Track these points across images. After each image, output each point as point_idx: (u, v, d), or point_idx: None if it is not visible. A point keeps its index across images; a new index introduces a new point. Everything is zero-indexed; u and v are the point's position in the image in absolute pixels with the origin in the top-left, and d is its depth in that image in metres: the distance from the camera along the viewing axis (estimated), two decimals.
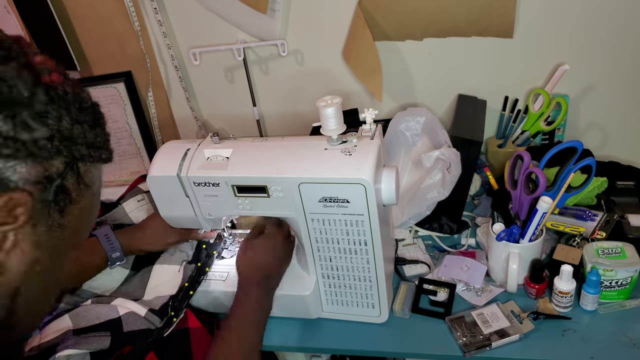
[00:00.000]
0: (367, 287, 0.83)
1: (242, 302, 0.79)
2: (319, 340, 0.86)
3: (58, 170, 0.40)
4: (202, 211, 0.84)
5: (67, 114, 0.40)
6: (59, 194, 0.41)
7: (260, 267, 0.82)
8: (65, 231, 0.43)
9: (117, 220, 1.08)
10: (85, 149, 0.42)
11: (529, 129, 1.10)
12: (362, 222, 0.75)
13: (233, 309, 0.78)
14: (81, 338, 0.77)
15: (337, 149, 0.74)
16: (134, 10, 1.16)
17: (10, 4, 1.17)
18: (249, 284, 0.81)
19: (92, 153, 0.43)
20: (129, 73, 1.26)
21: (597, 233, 0.89)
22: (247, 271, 0.83)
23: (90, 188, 0.45)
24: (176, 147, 0.84)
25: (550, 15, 1.04)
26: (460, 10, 1.05)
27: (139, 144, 1.31)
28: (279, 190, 0.76)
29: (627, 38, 1.03)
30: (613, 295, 0.83)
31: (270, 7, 1.12)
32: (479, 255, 0.95)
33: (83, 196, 0.44)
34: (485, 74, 1.14)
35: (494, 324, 0.81)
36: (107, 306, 0.83)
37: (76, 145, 0.41)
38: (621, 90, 1.10)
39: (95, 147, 0.44)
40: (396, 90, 1.21)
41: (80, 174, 0.43)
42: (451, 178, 0.93)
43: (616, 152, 1.14)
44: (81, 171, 0.43)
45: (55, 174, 0.40)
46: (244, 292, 0.80)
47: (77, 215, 0.44)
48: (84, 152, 0.42)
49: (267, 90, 1.27)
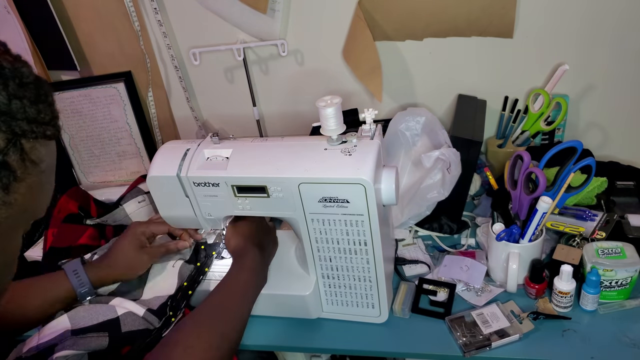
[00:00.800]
0: (367, 287, 0.83)
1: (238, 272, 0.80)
2: (319, 340, 0.86)
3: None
4: (202, 211, 0.84)
5: (3, 88, 0.40)
6: (1, 170, 0.40)
7: (251, 239, 0.85)
8: (11, 209, 0.42)
9: (117, 221, 1.08)
10: (27, 124, 0.41)
11: (528, 129, 1.10)
12: (362, 222, 0.75)
13: (228, 278, 0.79)
14: (79, 338, 0.77)
15: (337, 149, 0.74)
16: (134, 10, 1.16)
17: (10, 4, 1.17)
18: (243, 254, 0.82)
19: (35, 129, 0.42)
20: (129, 73, 1.26)
21: (597, 233, 0.89)
22: (239, 244, 0.84)
23: (38, 165, 0.44)
24: (176, 147, 0.84)
25: (550, 15, 1.04)
26: (461, 11, 1.05)
27: (139, 144, 1.31)
28: (279, 191, 0.76)
29: (627, 38, 1.03)
30: (613, 295, 0.83)
31: (270, 7, 1.12)
32: (479, 255, 0.95)
33: (30, 174, 0.43)
34: (485, 74, 1.14)
35: (493, 324, 0.81)
36: (105, 306, 0.83)
37: (16, 121, 0.41)
38: (621, 90, 1.10)
39: (38, 122, 0.43)
40: (396, 90, 1.21)
41: (24, 151, 0.42)
42: (451, 178, 0.93)
43: (616, 152, 1.14)
44: (26, 148, 0.42)
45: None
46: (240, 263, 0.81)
47: (24, 193, 0.43)
48: (25, 127, 0.41)
49: (267, 90, 1.27)
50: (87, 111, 1.27)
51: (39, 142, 0.44)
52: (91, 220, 1.10)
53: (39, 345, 0.76)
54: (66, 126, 1.29)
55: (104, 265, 0.88)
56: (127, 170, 1.34)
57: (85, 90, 1.25)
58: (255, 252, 0.83)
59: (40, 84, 0.44)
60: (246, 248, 0.83)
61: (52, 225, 1.07)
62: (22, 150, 0.42)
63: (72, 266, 0.86)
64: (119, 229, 1.10)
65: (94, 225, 1.09)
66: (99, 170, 1.34)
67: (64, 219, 1.08)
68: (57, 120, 0.45)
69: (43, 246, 1.04)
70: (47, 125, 0.44)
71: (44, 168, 0.45)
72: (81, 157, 1.33)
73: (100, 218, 1.09)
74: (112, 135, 1.30)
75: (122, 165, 1.34)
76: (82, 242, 1.04)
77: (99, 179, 1.36)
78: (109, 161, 1.33)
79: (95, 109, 1.27)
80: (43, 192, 0.47)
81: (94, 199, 1.18)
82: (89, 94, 1.26)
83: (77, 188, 1.18)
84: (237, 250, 0.84)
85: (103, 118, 1.28)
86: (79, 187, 1.23)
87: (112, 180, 1.35)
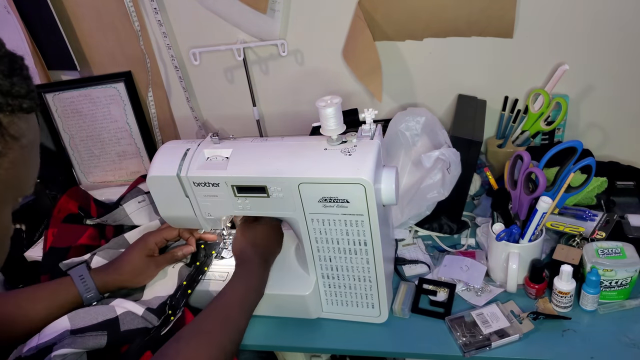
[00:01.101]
0: (367, 287, 0.83)
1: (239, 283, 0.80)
2: (319, 340, 0.86)
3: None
4: (202, 211, 0.84)
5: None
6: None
7: (257, 247, 0.85)
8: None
9: (117, 221, 1.08)
10: (1, 97, 0.42)
11: (528, 129, 1.10)
12: (362, 222, 0.75)
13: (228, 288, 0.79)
14: (77, 337, 0.77)
15: (337, 149, 0.74)
16: (134, 10, 1.16)
17: (10, 4, 1.17)
18: (246, 263, 0.83)
19: (10, 102, 0.42)
20: (129, 73, 1.26)
21: (597, 233, 0.89)
22: (244, 250, 0.85)
23: (19, 140, 0.44)
24: (176, 147, 0.84)
25: (550, 15, 1.04)
26: (461, 11, 1.05)
27: (139, 144, 1.31)
28: (279, 190, 0.76)
29: (627, 38, 1.03)
30: (613, 295, 0.83)
31: (270, 7, 1.12)
32: (479, 255, 0.95)
33: (10, 148, 0.43)
34: (485, 74, 1.14)
35: (493, 324, 0.81)
36: (105, 307, 0.83)
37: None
38: (621, 90, 1.09)
39: (13, 95, 0.42)
40: (396, 90, 1.21)
41: (2, 125, 0.42)
42: (451, 178, 0.93)
43: (616, 152, 1.14)
44: (3, 122, 0.42)
45: None
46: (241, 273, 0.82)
47: (7, 168, 0.43)
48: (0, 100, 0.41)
49: (267, 90, 1.27)
50: (87, 111, 1.27)
51: (16, 116, 0.43)
52: (91, 220, 1.10)
53: (39, 345, 0.77)
54: (66, 126, 1.29)
55: (110, 271, 0.89)
56: (127, 170, 1.34)
57: (85, 90, 1.25)
58: (257, 263, 0.83)
59: (14, 57, 0.44)
60: (250, 257, 0.83)
61: (52, 225, 1.07)
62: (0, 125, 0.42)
63: (78, 272, 0.87)
64: (119, 229, 1.10)
65: (94, 225, 1.09)
66: (99, 170, 1.34)
67: (64, 219, 1.08)
68: (33, 94, 0.45)
69: (43, 246, 1.05)
70: (23, 99, 0.43)
71: (25, 143, 0.45)
72: (81, 157, 1.33)
73: (100, 218, 1.08)
74: (112, 135, 1.30)
75: (122, 165, 1.34)
76: (82, 242, 1.04)
77: (99, 179, 1.36)
78: (109, 161, 1.34)
79: (95, 109, 1.27)
80: (27, 168, 0.47)
81: (94, 199, 1.18)
82: (89, 94, 1.26)
83: (77, 188, 1.18)
84: (241, 256, 0.84)
85: (103, 118, 1.28)
86: (79, 187, 1.23)
87: (112, 180, 1.35)
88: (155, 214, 1.08)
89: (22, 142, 0.45)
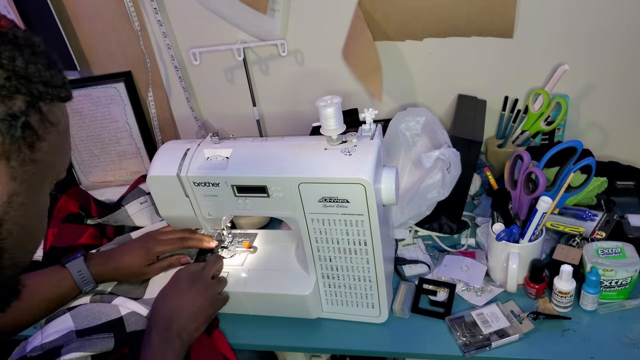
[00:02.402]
0: (366, 287, 0.83)
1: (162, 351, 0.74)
2: (319, 340, 0.86)
3: (20, 108, 0.44)
4: (202, 211, 0.84)
5: (20, 55, 0.44)
6: (25, 130, 0.45)
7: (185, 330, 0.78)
8: (37, 166, 0.47)
9: (119, 222, 1.08)
10: (43, 86, 0.46)
11: (528, 129, 1.11)
12: (362, 222, 0.75)
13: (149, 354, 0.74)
14: (85, 340, 0.77)
15: (337, 149, 0.74)
16: (134, 10, 1.16)
17: (10, 4, 1.17)
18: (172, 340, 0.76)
19: (51, 91, 0.47)
20: (129, 73, 1.26)
21: (597, 233, 0.89)
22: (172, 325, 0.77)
23: (56, 126, 0.49)
24: (176, 147, 0.84)
25: (550, 15, 1.04)
26: (460, 11, 1.05)
27: (139, 144, 1.31)
28: (279, 190, 0.76)
29: (627, 38, 1.03)
30: (613, 295, 0.83)
31: (270, 7, 1.12)
32: (479, 255, 0.95)
33: (49, 133, 0.48)
34: (485, 74, 1.14)
35: (493, 324, 0.81)
36: (108, 306, 0.83)
37: (33, 84, 0.45)
38: (621, 90, 1.10)
39: (53, 85, 0.47)
40: (396, 90, 1.21)
41: (43, 113, 0.47)
42: (451, 178, 0.93)
43: (616, 152, 1.14)
44: (44, 110, 0.47)
45: (18, 112, 0.44)
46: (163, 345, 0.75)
47: (47, 151, 0.48)
48: (41, 89, 0.46)
49: (267, 90, 1.27)
50: (87, 111, 1.27)
51: (54, 104, 0.48)
52: (92, 220, 1.10)
53: (44, 345, 0.76)
54: None
55: (109, 268, 0.92)
56: (127, 170, 1.34)
57: (86, 90, 1.25)
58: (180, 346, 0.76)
59: (49, 53, 0.49)
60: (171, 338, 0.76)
61: (52, 225, 1.07)
62: (40, 112, 0.46)
63: (75, 266, 0.89)
64: (120, 229, 1.10)
65: (94, 225, 1.09)
66: (99, 170, 1.34)
67: (64, 219, 1.08)
68: (67, 85, 0.50)
69: (43, 246, 1.05)
70: (60, 88, 0.48)
71: (61, 129, 0.50)
72: (81, 157, 1.33)
73: (101, 218, 1.08)
74: (112, 135, 1.30)
75: (122, 165, 1.34)
76: (82, 242, 1.04)
77: (99, 179, 1.36)
78: (109, 161, 1.34)
79: (95, 109, 1.27)
80: (62, 153, 0.52)
81: (94, 198, 1.18)
82: (89, 94, 1.26)
83: (77, 188, 1.18)
84: (165, 330, 0.77)
85: (103, 118, 1.28)
86: (79, 187, 1.23)
87: (112, 180, 1.35)
88: (157, 215, 1.08)
89: (59, 128, 0.49)
